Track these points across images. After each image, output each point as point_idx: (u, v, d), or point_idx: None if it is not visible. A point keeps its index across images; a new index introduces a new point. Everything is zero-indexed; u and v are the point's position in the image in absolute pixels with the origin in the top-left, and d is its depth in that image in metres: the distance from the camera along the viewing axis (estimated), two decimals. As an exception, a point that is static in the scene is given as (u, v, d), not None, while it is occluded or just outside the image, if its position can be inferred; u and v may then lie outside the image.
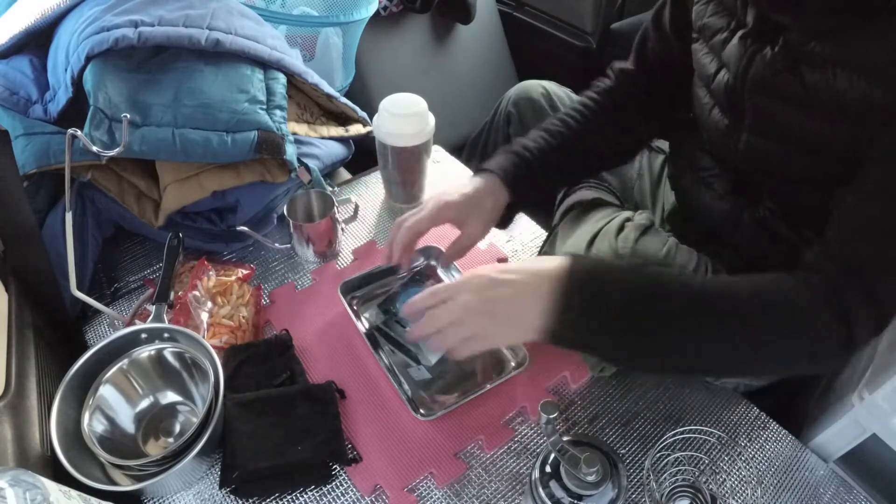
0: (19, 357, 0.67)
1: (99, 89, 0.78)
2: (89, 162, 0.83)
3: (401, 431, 0.73)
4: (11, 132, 0.84)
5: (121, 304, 0.89)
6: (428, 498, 0.69)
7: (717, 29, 0.69)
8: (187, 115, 0.83)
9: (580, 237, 0.76)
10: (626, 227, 0.75)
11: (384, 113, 0.93)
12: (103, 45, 0.78)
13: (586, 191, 0.96)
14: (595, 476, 0.53)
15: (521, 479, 0.70)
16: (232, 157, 0.85)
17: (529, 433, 0.75)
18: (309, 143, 1.01)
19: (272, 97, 0.91)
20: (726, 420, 0.77)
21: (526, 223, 1.02)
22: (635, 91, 0.86)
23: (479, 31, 1.73)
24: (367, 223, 1.02)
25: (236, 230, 0.91)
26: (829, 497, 0.71)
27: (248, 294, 0.85)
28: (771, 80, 0.63)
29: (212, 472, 0.70)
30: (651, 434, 0.75)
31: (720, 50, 0.69)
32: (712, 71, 0.71)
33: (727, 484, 0.71)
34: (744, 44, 0.65)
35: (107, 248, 0.94)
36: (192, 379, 0.73)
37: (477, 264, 0.93)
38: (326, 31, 1.30)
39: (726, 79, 0.69)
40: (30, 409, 0.64)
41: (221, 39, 0.86)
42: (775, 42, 0.62)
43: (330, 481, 0.69)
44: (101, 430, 0.67)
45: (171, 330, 0.73)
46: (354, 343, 0.82)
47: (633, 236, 0.74)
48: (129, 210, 0.90)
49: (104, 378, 0.69)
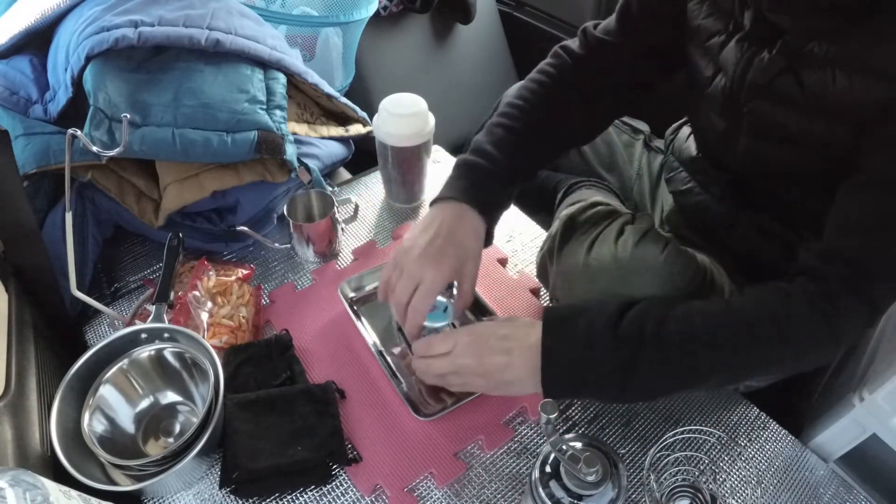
0: (19, 357, 0.67)
1: (99, 89, 0.78)
2: (89, 162, 0.83)
3: (401, 431, 0.73)
4: (11, 132, 0.84)
5: (121, 304, 0.89)
6: (428, 498, 0.69)
7: (713, 32, 0.69)
8: (187, 115, 0.83)
9: (580, 240, 0.76)
10: (625, 232, 0.75)
11: (384, 113, 0.93)
12: (103, 45, 0.78)
13: (586, 190, 0.96)
14: (595, 476, 0.53)
15: (521, 479, 0.70)
16: (232, 157, 0.85)
17: (529, 433, 0.75)
18: (309, 143, 1.01)
19: (272, 97, 0.91)
20: (726, 420, 0.77)
21: (526, 223, 1.02)
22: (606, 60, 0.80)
23: (479, 31, 1.73)
24: (367, 223, 1.02)
25: (236, 230, 0.91)
26: (829, 497, 0.71)
27: (248, 294, 0.85)
28: (769, 83, 0.62)
29: (212, 472, 0.70)
30: (651, 434, 0.75)
31: (717, 54, 0.68)
32: (709, 75, 0.71)
33: (727, 484, 0.71)
34: (741, 47, 0.65)
35: (107, 248, 0.94)
36: (192, 379, 0.73)
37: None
38: (326, 31, 1.30)
39: (723, 83, 0.68)
40: (30, 409, 0.64)
41: (221, 39, 0.86)
42: (773, 45, 0.62)
43: (330, 481, 0.69)
44: (101, 430, 0.67)
45: (171, 330, 0.73)
46: (354, 343, 0.82)
47: (633, 241, 0.73)
48: (129, 210, 0.90)
49: (104, 378, 0.69)
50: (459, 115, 1.62)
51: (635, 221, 0.78)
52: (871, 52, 0.54)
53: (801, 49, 0.59)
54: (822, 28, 0.57)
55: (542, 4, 1.75)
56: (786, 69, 0.61)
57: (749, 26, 0.64)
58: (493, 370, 0.64)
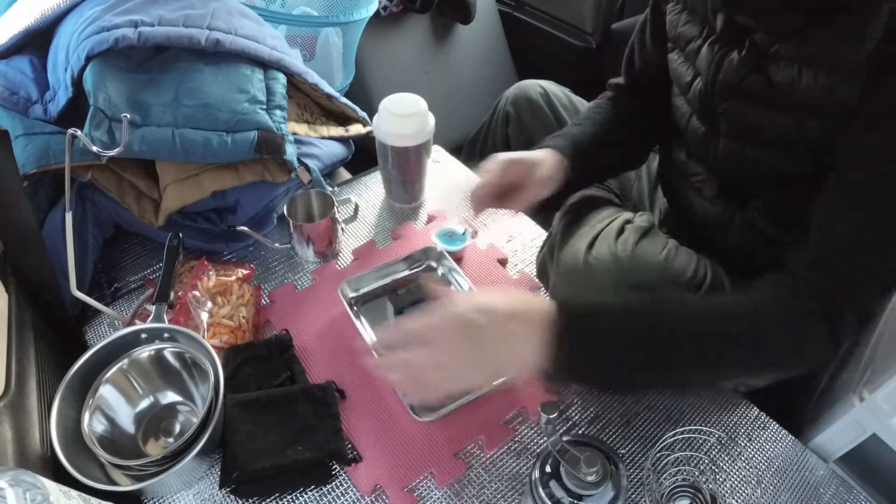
0: (19, 357, 0.67)
1: (99, 89, 0.78)
2: (89, 162, 0.83)
3: (401, 431, 0.73)
4: (11, 132, 0.84)
5: (121, 304, 0.89)
6: (428, 498, 0.69)
7: (690, 38, 0.71)
8: (187, 115, 0.83)
9: (580, 239, 0.76)
10: (625, 230, 0.75)
11: (384, 113, 0.93)
12: (103, 45, 0.78)
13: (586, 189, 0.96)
14: (595, 476, 0.53)
15: (521, 479, 0.70)
16: (232, 157, 0.86)
17: (529, 433, 0.75)
18: (309, 143, 1.01)
19: (272, 97, 0.91)
20: (726, 420, 0.77)
21: (526, 223, 1.02)
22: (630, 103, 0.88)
23: (479, 31, 1.73)
24: (367, 223, 1.02)
25: (236, 230, 0.91)
26: (829, 497, 0.71)
27: (248, 294, 0.85)
28: (740, 83, 0.64)
29: (212, 472, 0.70)
30: (651, 434, 0.75)
31: (694, 58, 0.71)
32: (688, 79, 0.72)
33: (727, 484, 0.71)
34: (712, 50, 0.67)
35: (107, 248, 0.94)
36: (192, 379, 0.73)
37: (477, 265, 0.94)
38: (326, 31, 1.30)
39: (700, 86, 0.70)
40: (30, 409, 0.64)
41: (221, 39, 0.86)
42: (742, 46, 0.64)
43: (330, 481, 0.69)
44: (101, 430, 0.67)
45: (171, 330, 0.73)
46: (354, 343, 0.82)
47: (633, 239, 0.74)
48: (129, 210, 0.90)
49: (104, 378, 0.69)
50: (459, 115, 1.62)
51: (635, 220, 0.78)
52: (831, 50, 0.56)
53: (769, 49, 0.61)
54: (787, 28, 0.59)
55: (542, 4, 1.75)
56: (755, 69, 0.63)
57: (719, 30, 0.66)
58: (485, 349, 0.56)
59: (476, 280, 0.89)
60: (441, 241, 0.92)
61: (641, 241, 0.74)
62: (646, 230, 0.76)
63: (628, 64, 0.89)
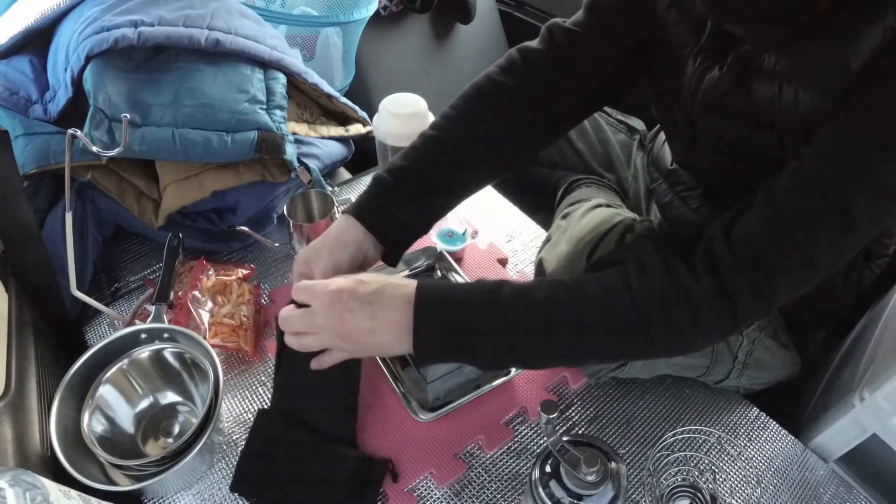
0: (19, 357, 0.67)
1: (99, 89, 0.78)
2: (89, 162, 0.84)
3: (401, 431, 0.73)
4: (11, 132, 0.84)
5: (121, 304, 0.89)
6: (428, 498, 0.69)
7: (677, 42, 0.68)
8: (187, 115, 0.83)
9: (582, 241, 0.76)
10: (626, 239, 0.75)
11: (384, 113, 0.93)
12: (103, 45, 0.78)
13: (586, 188, 0.96)
14: (595, 476, 0.53)
15: (521, 479, 0.70)
16: (232, 157, 0.86)
17: (529, 433, 0.75)
18: (309, 143, 1.01)
19: (272, 97, 0.91)
20: (726, 420, 0.77)
21: (526, 223, 1.02)
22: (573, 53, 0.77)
23: (479, 31, 1.73)
24: (367, 223, 1.02)
25: (236, 230, 0.91)
26: (829, 497, 0.71)
27: (248, 293, 0.85)
28: (720, 100, 0.63)
29: (212, 472, 0.70)
30: (651, 434, 0.75)
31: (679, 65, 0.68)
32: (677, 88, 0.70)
33: (727, 484, 0.71)
34: (695, 62, 0.65)
35: (107, 248, 0.94)
36: (192, 379, 0.73)
37: (476, 265, 0.93)
38: (326, 31, 1.30)
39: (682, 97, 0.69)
40: (30, 409, 0.64)
41: (221, 39, 0.86)
42: (724, 61, 0.62)
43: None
44: (100, 430, 0.67)
45: (171, 330, 0.73)
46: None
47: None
48: (129, 210, 0.90)
49: (104, 378, 0.69)
50: (459, 115, 1.62)
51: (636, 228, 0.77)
52: (814, 67, 0.55)
53: (755, 60, 0.59)
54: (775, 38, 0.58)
55: (542, 4, 1.75)
56: (735, 86, 0.61)
57: (704, 39, 0.64)
58: (354, 332, 0.59)
59: (476, 280, 0.89)
60: (441, 241, 0.92)
61: None
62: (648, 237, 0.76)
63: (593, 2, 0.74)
